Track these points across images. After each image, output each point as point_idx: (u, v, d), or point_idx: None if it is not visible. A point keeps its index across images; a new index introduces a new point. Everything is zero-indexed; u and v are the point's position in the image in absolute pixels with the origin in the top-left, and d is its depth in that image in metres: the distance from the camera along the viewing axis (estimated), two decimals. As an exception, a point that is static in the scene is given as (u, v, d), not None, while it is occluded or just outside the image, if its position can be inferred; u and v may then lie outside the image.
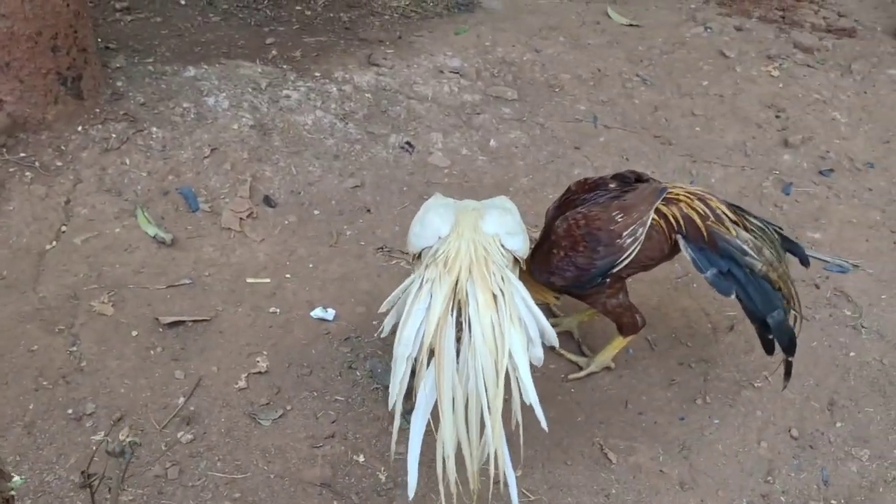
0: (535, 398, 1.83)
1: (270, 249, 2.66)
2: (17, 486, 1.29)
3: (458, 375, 1.83)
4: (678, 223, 2.06)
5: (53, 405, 2.12)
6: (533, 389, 1.83)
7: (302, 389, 2.23)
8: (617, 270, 2.07)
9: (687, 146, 3.30)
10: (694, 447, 2.20)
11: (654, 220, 2.06)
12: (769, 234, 2.12)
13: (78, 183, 2.75)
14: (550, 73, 3.62)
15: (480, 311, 1.85)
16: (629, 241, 2.04)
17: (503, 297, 1.88)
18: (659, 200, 2.07)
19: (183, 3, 3.84)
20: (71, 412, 2.10)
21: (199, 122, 3.00)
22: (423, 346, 1.85)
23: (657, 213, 2.06)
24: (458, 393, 1.82)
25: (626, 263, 2.06)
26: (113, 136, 2.88)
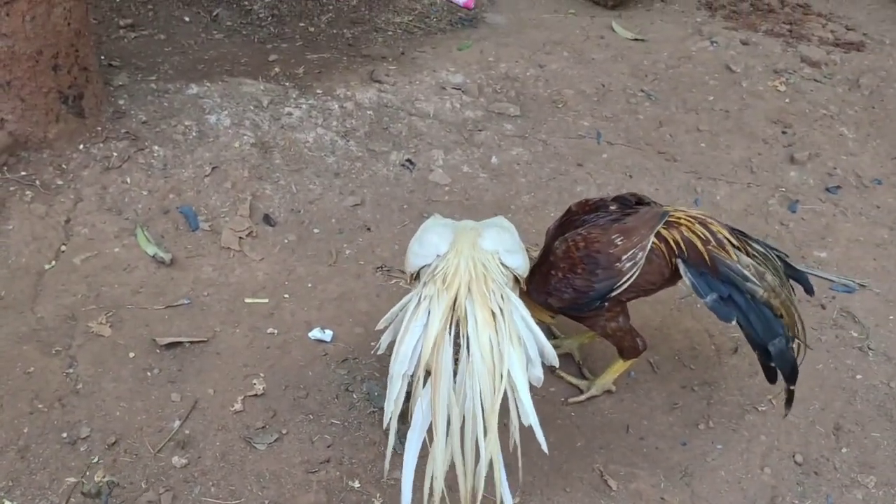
0: (535, 420, 1.80)
1: (269, 269, 2.65)
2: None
3: (454, 394, 1.80)
4: (679, 247, 2.03)
5: (48, 428, 2.11)
6: (533, 411, 1.80)
7: (298, 412, 2.20)
8: (616, 294, 2.04)
9: (692, 163, 3.27)
10: (696, 473, 2.16)
11: (654, 243, 2.03)
12: (772, 259, 2.08)
13: (78, 202, 2.74)
14: (554, 88, 3.60)
15: (479, 329, 1.82)
16: (628, 265, 2.01)
17: (502, 315, 1.86)
18: (660, 224, 2.04)
19: (187, 20, 3.85)
20: (65, 436, 2.09)
21: (200, 140, 3.00)
22: (419, 363, 1.82)
23: (657, 236, 2.03)
24: (454, 412, 1.79)
25: (624, 287, 2.03)
26: (114, 154, 2.88)
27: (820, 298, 2.70)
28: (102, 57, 3.35)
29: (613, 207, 2.13)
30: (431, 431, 1.80)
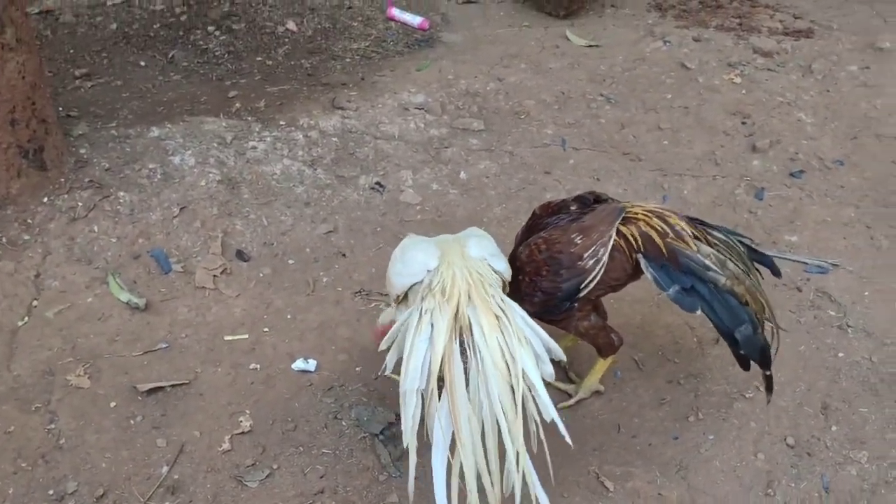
0: (556, 414, 1.80)
1: (247, 304, 2.62)
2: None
3: (470, 404, 1.79)
4: (637, 242, 2.04)
5: (34, 487, 2.06)
6: (553, 406, 1.81)
7: (288, 446, 2.18)
8: (584, 294, 2.05)
9: (657, 161, 3.30)
10: (691, 466, 2.16)
11: (614, 240, 2.04)
12: (735, 246, 2.09)
13: (47, 255, 2.71)
14: (515, 100, 3.63)
15: (486, 334, 1.82)
16: (591, 262, 2.02)
17: (506, 317, 1.86)
18: (618, 220, 2.05)
19: (143, 64, 3.84)
20: (52, 493, 2.05)
21: (166, 182, 2.98)
22: (430, 376, 1.81)
23: (617, 233, 2.05)
24: (473, 422, 1.78)
25: (592, 286, 2.04)
26: (79, 204, 2.85)
27: (795, 281, 2.73)
28: (60, 108, 3.33)
29: (574, 208, 2.15)
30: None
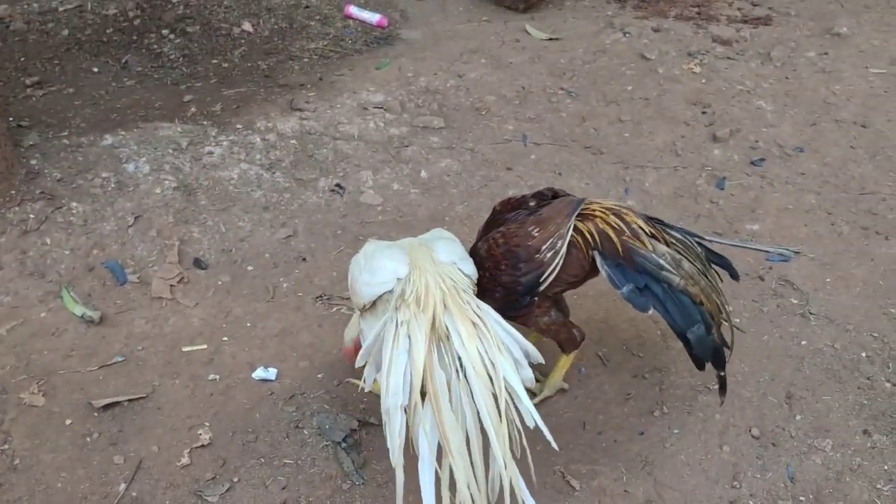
0: (539, 420, 1.77)
1: (205, 314, 2.57)
2: None
3: (454, 414, 1.75)
4: (594, 239, 2.02)
5: (-14, 511, 2.01)
6: (535, 412, 1.77)
7: (248, 458, 2.14)
8: (543, 288, 2.03)
9: (618, 153, 3.29)
10: (657, 461, 2.15)
11: (571, 236, 2.02)
12: (692, 246, 2.07)
13: (-2, 270, 2.64)
14: (475, 96, 3.60)
15: (465, 342, 1.78)
16: (549, 254, 2.00)
17: (483, 323, 1.82)
18: (576, 212, 2.03)
19: (96, 70, 3.76)
20: (5, 516, 2.00)
21: (120, 190, 2.92)
22: (413, 391, 1.75)
23: (574, 230, 2.03)
24: (458, 433, 1.74)
25: (550, 280, 2.02)
26: (31, 216, 2.78)
27: (757, 270, 2.74)
28: (11, 118, 3.25)
29: (532, 203, 2.13)
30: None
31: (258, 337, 2.50)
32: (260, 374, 2.36)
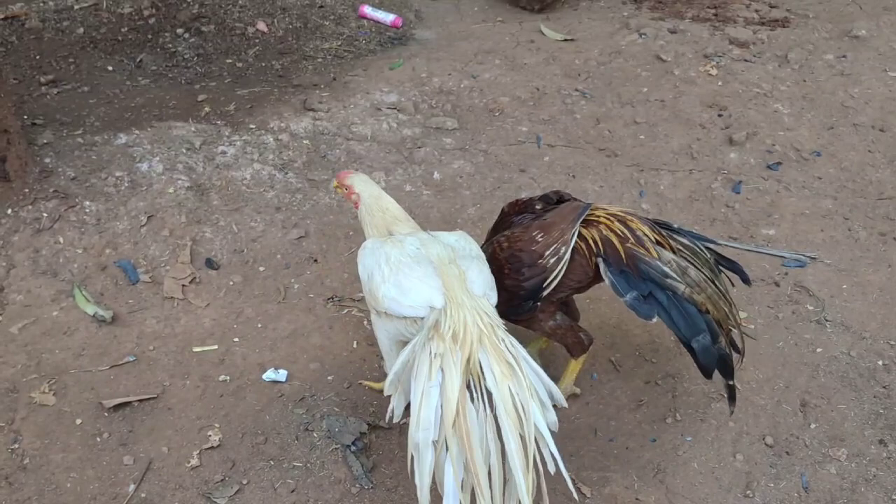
0: (563, 468, 1.72)
1: (216, 314, 2.57)
2: None
3: (482, 452, 1.71)
4: (598, 246, 2.00)
5: (-4, 510, 2.01)
6: (560, 459, 1.73)
7: (258, 460, 2.13)
8: (546, 294, 2.01)
9: (632, 156, 3.27)
10: (669, 469, 2.13)
11: (575, 243, 2.00)
12: (700, 253, 2.03)
13: (11, 268, 2.64)
14: (489, 97, 3.58)
15: (499, 382, 1.74)
16: (552, 260, 1.98)
17: (518, 365, 1.78)
18: (581, 218, 2.01)
19: (111, 69, 3.77)
20: (15, 515, 2.00)
21: (133, 190, 2.92)
22: (443, 427, 1.71)
23: (578, 236, 2.01)
24: (484, 470, 1.70)
25: (554, 284, 2.00)
26: (44, 215, 2.79)
27: (773, 276, 2.70)
28: (25, 116, 3.26)
29: (538, 207, 2.11)
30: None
31: (269, 338, 2.49)
32: (270, 375, 2.35)
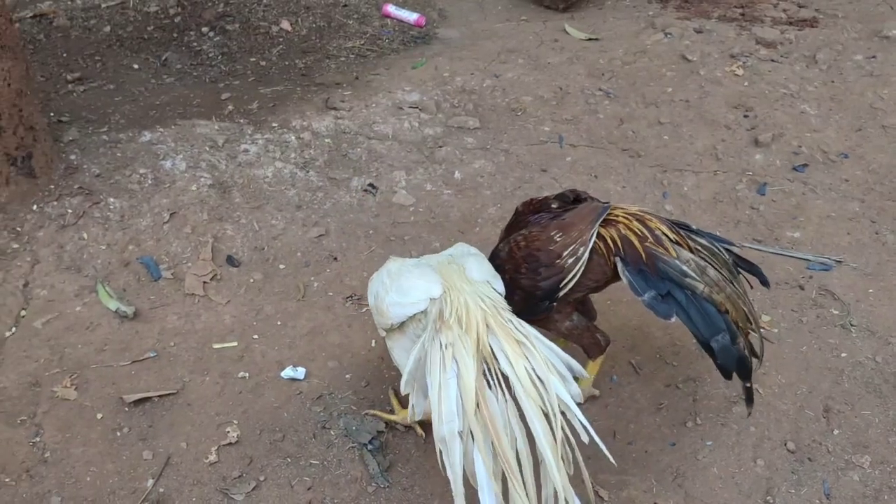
0: (594, 434, 1.70)
1: (236, 311, 2.58)
2: None
3: (507, 438, 1.69)
4: (616, 245, 1.98)
5: (17, 502, 2.03)
6: (590, 427, 1.71)
7: (275, 457, 2.14)
8: (563, 294, 1.99)
9: (656, 156, 3.23)
10: (688, 474, 2.10)
11: (594, 242, 1.98)
12: (719, 253, 2.01)
13: (36, 264, 2.68)
14: (511, 96, 3.56)
15: (513, 362, 1.73)
16: (570, 261, 1.96)
17: (529, 343, 1.77)
18: (600, 219, 1.99)
19: (136, 67, 3.80)
20: (36, 508, 2.02)
21: (156, 187, 2.95)
22: (465, 416, 1.69)
23: (596, 235, 1.99)
24: (512, 455, 1.68)
25: (571, 285, 1.98)
26: (69, 211, 2.82)
27: (797, 279, 2.66)
28: (52, 113, 3.30)
29: (555, 206, 2.10)
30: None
31: (288, 336, 2.50)
32: (289, 373, 2.36)
